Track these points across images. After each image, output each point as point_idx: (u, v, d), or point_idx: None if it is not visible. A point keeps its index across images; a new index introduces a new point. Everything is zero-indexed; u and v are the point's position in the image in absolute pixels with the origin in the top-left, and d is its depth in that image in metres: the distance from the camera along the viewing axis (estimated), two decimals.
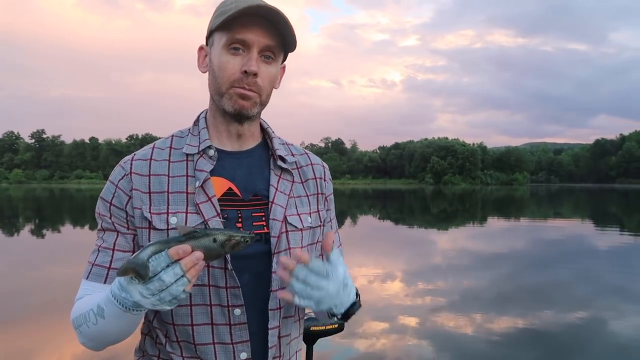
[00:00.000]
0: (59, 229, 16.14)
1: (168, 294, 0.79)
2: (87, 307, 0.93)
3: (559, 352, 4.46)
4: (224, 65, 0.99)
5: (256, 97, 1.01)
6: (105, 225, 1.03)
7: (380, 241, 13.22)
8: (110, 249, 1.01)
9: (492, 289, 7.07)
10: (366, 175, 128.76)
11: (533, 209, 29.25)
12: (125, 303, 0.83)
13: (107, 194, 1.03)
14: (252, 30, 0.98)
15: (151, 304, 0.80)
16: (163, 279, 0.78)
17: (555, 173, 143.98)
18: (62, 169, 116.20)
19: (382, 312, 5.70)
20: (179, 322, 1.00)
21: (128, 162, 1.03)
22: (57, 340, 4.70)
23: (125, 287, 0.81)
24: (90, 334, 0.94)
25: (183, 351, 1.02)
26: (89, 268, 1.01)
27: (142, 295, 0.80)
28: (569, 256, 10.45)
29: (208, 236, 0.83)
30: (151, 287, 0.79)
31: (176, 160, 1.04)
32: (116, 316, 0.87)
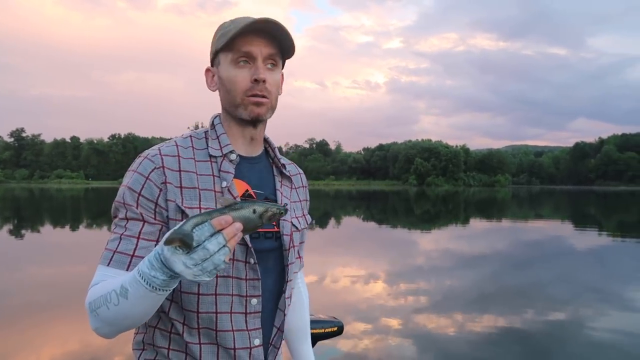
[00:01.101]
0: (39, 230, 15.86)
1: (211, 263, 0.81)
2: (107, 289, 0.94)
3: (539, 352, 4.53)
4: (234, 79, 1.11)
5: (268, 103, 1.12)
6: (130, 215, 1.05)
7: (363, 242, 13.27)
8: (134, 237, 1.03)
9: (473, 289, 7.15)
10: (350, 176, 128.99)
11: (514, 210, 29.64)
12: (154, 282, 0.85)
13: (135, 185, 1.06)
14: (254, 43, 1.09)
15: (192, 275, 0.82)
16: (207, 247, 0.81)
17: (536, 175, 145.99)
18: (42, 169, 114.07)
19: (364, 313, 5.72)
20: (203, 310, 1.07)
21: (157, 156, 1.08)
22: (35, 343, 4.62)
23: (169, 257, 0.82)
24: (109, 316, 0.93)
25: (201, 338, 1.08)
26: (110, 255, 1.03)
27: (186, 265, 0.81)
28: (548, 257, 10.62)
29: (248, 207, 0.88)
30: (195, 257, 0.81)
31: (201, 160, 1.12)
32: (141, 297, 0.88)
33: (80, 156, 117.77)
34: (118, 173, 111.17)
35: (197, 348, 1.08)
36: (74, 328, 5.12)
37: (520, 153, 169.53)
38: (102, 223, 18.56)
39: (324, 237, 14.63)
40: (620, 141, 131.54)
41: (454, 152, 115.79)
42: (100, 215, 23.04)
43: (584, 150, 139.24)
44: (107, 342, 4.60)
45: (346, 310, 5.87)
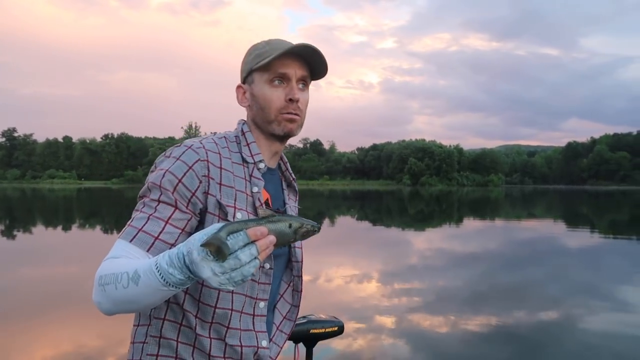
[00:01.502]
0: (31, 230, 15.76)
1: (240, 273, 0.80)
2: (121, 268, 0.92)
3: (532, 350, 4.56)
4: (269, 97, 1.17)
5: (300, 120, 1.21)
6: (163, 198, 1.06)
7: (357, 242, 13.28)
8: (163, 220, 1.04)
9: (467, 288, 7.18)
10: (344, 176, 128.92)
11: (507, 209, 29.79)
12: (169, 279, 0.84)
13: (177, 171, 1.07)
14: (290, 65, 1.17)
15: (218, 283, 0.80)
16: (240, 257, 0.79)
17: (529, 175, 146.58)
18: (34, 169, 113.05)
19: (358, 313, 5.73)
20: (220, 306, 1.11)
21: (201, 149, 1.11)
22: (28, 345, 4.59)
23: (198, 262, 0.80)
24: (115, 296, 0.92)
25: (211, 333, 1.11)
26: (134, 232, 1.02)
27: (214, 272, 0.79)
28: (541, 256, 10.68)
29: (284, 221, 0.87)
30: (226, 265, 0.79)
31: (236, 162, 1.17)
32: (152, 288, 0.87)
33: (72, 156, 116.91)
34: (111, 173, 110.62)
35: (207, 342, 1.10)
36: (66, 329, 5.10)
37: (513, 153, 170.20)
38: (94, 223, 18.47)
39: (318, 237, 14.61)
40: (612, 141, 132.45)
41: (447, 151, 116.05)
42: (92, 215, 22.92)
43: (576, 150, 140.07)
44: (100, 344, 4.58)
45: (340, 309, 5.88)
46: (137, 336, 1.14)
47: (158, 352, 1.10)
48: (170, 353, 1.10)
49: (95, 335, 4.83)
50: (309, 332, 1.60)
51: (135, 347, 1.13)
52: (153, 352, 1.10)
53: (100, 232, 15.51)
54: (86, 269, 8.56)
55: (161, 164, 1.11)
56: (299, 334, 1.57)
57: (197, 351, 1.11)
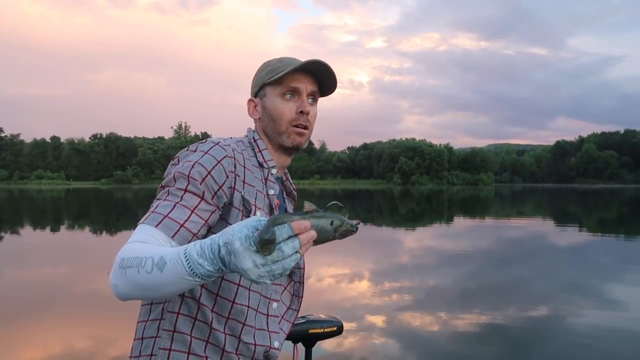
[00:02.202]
0: (18, 231, 15.57)
1: (280, 266, 0.78)
2: (146, 253, 0.90)
3: (520, 347, 4.59)
4: (281, 110, 1.23)
5: (308, 133, 1.27)
6: (191, 188, 1.07)
7: (348, 241, 13.25)
8: (189, 209, 1.04)
9: (457, 287, 7.21)
10: (335, 175, 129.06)
11: (497, 208, 29.98)
12: (198, 269, 0.81)
13: (207, 163, 1.09)
14: (301, 80, 1.23)
15: (257, 275, 0.78)
16: (283, 249, 0.77)
17: (518, 173, 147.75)
18: (21, 169, 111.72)
19: (349, 312, 5.73)
20: (239, 301, 1.13)
21: (228, 147, 1.15)
22: (14, 347, 4.54)
23: (240, 252, 0.77)
24: (136, 281, 0.89)
25: (227, 329, 1.13)
26: (160, 217, 1.01)
27: (256, 264, 0.77)
28: (530, 254, 10.76)
29: (327, 218, 0.87)
30: (269, 257, 0.77)
31: (254, 165, 1.23)
32: (176, 277, 0.84)
33: (60, 156, 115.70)
34: (100, 173, 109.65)
35: (222, 337, 1.12)
36: (53, 331, 5.04)
37: (502, 152, 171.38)
38: (84, 224, 18.30)
39: None
40: (600, 140, 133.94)
41: (437, 151, 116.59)
42: (82, 216, 22.71)
43: (564, 149, 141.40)
44: (89, 345, 4.54)
45: (330, 308, 5.88)
46: (147, 331, 1.12)
47: (171, 347, 1.10)
48: (183, 348, 1.10)
49: (83, 337, 4.78)
50: (308, 332, 1.59)
51: (145, 342, 1.11)
52: (166, 347, 1.09)
53: (89, 233, 15.37)
54: (74, 271, 8.48)
55: (187, 156, 1.13)
56: (298, 333, 1.56)
57: (210, 346, 1.11)
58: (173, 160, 1.16)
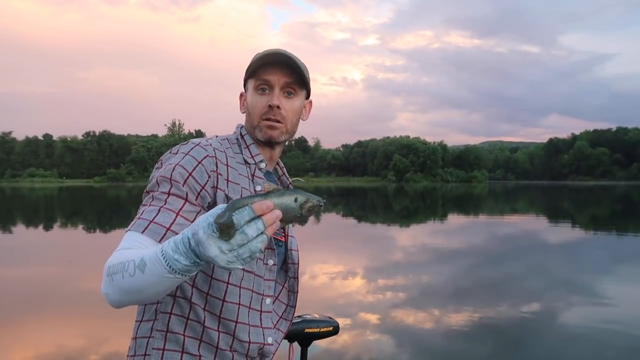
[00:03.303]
0: (11, 230, 15.49)
1: (247, 249, 0.77)
2: (129, 257, 0.91)
3: (514, 343, 4.63)
4: (254, 104, 1.24)
5: (282, 127, 1.24)
6: (174, 191, 1.07)
7: (342, 238, 13.32)
8: (174, 212, 1.05)
9: (450, 284, 7.26)
10: (329, 173, 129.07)
11: (491, 205, 30.14)
12: (175, 265, 0.82)
13: (187, 165, 1.10)
14: (273, 73, 1.21)
15: (226, 261, 0.78)
16: (246, 232, 0.77)
17: (511, 171, 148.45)
18: (13, 167, 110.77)
19: (342, 309, 5.75)
20: (229, 300, 1.13)
21: (209, 147, 1.16)
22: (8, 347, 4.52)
23: (204, 240, 0.77)
24: (123, 286, 0.90)
25: (220, 326, 1.13)
26: (145, 223, 1.02)
27: (221, 250, 0.77)
28: (523, 250, 10.84)
29: (290, 195, 0.85)
30: (233, 242, 0.77)
31: (239, 162, 1.22)
32: (157, 276, 0.85)
33: (53, 154, 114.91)
34: (93, 171, 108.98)
35: (215, 335, 1.12)
36: (46, 330, 5.03)
37: (496, 149, 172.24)
38: (77, 222, 18.22)
39: (304, 234, 14.64)
40: (592, 137, 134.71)
41: (431, 148, 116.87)
42: (75, 214, 22.61)
43: (557, 146, 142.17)
44: (81, 344, 4.53)
45: (325, 306, 5.90)
46: (140, 331, 1.14)
47: (164, 346, 1.10)
48: (176, 347, 1.10)
49: (76, 335, 4.78)
50: (304, 332, 1.60)
51: (138, 342, 1.13)
52: (159, 346, 1.11)
53: (82, 231, 15.30)
54: (67, 270, 8.45)
55: (169, 159, 1.13)
56: (293, 333, 1.57)
57: (203, 344, 1.12)
58: (157, 164, 1.17)
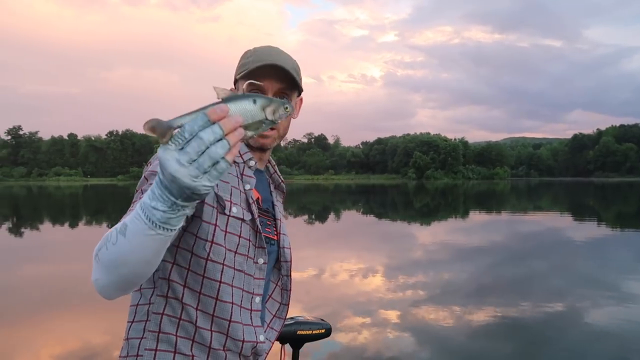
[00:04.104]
0: (38, 227, 15.87)
1: (207, 157, 0.71)
2: (114, 228, 0.87)
3: (537, 343, 4.56)
4: None
5: (274, 134, 1.24)
6: None
7: (362, 236, 13.30)
8: None
9: (472, 281, 7.18)
10: (349, 170, 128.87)
11: (513, 202, 29.70)
12: (154, 215, 0.77)
13: None
14: (266, 79, 1.18)
15: (189, 176, 0.72)
16: (201, 136, 0.71)
17: (534, 167, 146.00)
18: (40, 166, 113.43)
19: (363, 306, 5.74)
20: (222, 299, 1.12)
21: None
22: (34, 342, 4.64)
23: (161, 156, 0.73)
24: (107, 258, 0.85)
25: (213, 326, 1.12)
26: None
27: (180, 162, 0.71)
28: (547, 248, 10.66)
29: (247, 98, 0.78)
30: (189, 150, 0.71)
31: None
32: (139, 235, 0.80)
33: (78, 153, 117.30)
34: (116, 170, 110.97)
35: (208, 335, 1.12)
36: (73, 325, 5.14)
37: (518, 145, 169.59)
38: (101, 220, 18.56)
39: (324, 232, 14.65)
40: (618, 132, 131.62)
41: (452, 145, 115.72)
42: (99, 212, 23.04)
43: (582, 142, 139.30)
44: (106, 339, 4.61)
45: (344, 303, 5.90)
46: (132, 332, 1.14)
47: (157, 347, 1.10)
48: (169, 347, 1.10)
49: (101, 331, 4.87)
50: (296, 334, 1.60)
51: (131, 343, 1.13)
52: (152, 347, 1.10)
53: (106, 228, 15.55)
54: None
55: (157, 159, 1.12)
56: (286, 334, 1.57)
57: (196, 344, 1.11)
58: (147, 165, 1.16)
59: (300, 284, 7.05)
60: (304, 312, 5.43)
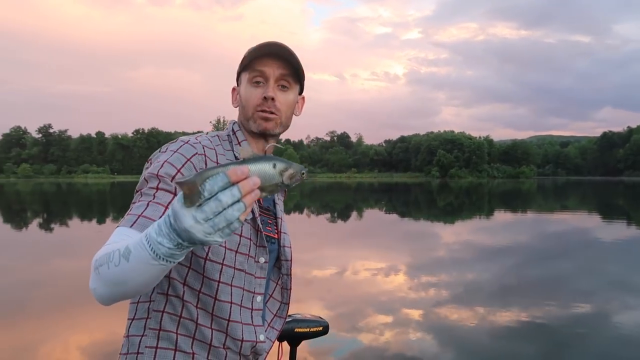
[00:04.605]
0: (67, 223, 16.27)
1: (223, 218, 0.73)
2: (115, 247, 0.89)
3: (562, 345, 4.47)
4: (248, 96, 1.22)
5: (277, 119, 1.23)
6: (162, 186, 1.07)
7: (385, 235, 13.24)
8: (163, 205, 1.04)
9: (496, 282, 7.08)
10: (372, 168, 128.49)
11: (540, 201, 29.15)
12: (159, 249, 0.79)
13: (176, 162, 1.09)
14: (267, 64, 1.20)
15: (203, 232, 0.74)
16: (220, 198, 0.73)
17: (562, 166, 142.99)
18: (69, 164, 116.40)
19: (385, 305, 5.72)
20: (221, 298, 1.13)
21: (198, 144, 1.15)
22: (62, 334, 4.76)
23: (178, 210, 0.74)
24: (108, 277, 0.88)
25: (213, 324, 1.13)
26: (134, 218, 1.01)
27: (196, 219, 0.73)
28: (574, 249, 10.44)
29: (267, 161, 0.80)
30: (206, 209, 0.73)
31: (230, 159, 1.20)
32: (142, 263, 0.82)
33: (105, 151, 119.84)
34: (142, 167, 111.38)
35: (209, 332, 1.12)
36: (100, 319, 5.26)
37: (545, 143, 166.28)
38: None
39: (346, 230, 14.64)
40: None
41: (477, 143, 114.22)
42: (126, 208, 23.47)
43: (611, 140, 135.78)
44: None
45: (366, 302, 5.88)
46: (133, 329, 1.14)
47: (157, 345, 1.10)
48: (169, 345, 1.10)
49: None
50: (294, 331, 1.60)
51: (131, 340, 1.13)
52: (152, 345, 1.11)
53: None
54: None
55: (158, 157, 1.13)
56: (283, 332, 1.56)
57: (196, 342, 1.12)
58: (147, 163, 1.17)
59: (322, 282, 7.07)
60: (324, 310, 5.46)
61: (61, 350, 4.37)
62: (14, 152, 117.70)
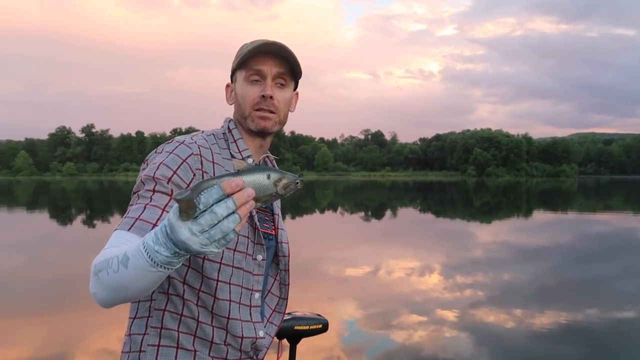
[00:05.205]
0: (109, 220, 16.84)
1: (219, 230, 0.74)
2: (113, 253, 0.90)
3: (602, 350, 4.35)
4: (246, 94, 1.22)
5: (275, 117, 1.23)
6: (159, 188, 1.07)
7: (420, 234, 13.13)
8: (159, 208, 1.04)
9: (534, 283, 6.93)
10: (406, 167, 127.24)
11: (581, 201, 28.24)
12: (156, 257, 0.79)
13: (172, 163, 1.09)
14: (265, 63, 1.20)
15: (199, 244, 0.75)
16: (215, 211, 0.73)
17: (605, 164, 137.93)
18: (110, 162, 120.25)
19: (419, 305, 5.70)
20: (220, 297, 1.14)
21: (194, 145, 1.15)
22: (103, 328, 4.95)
23: (174, 223, 0.75)
24: (108, 283, 0.89)
25: (214, 321, 1.14)
26: (132, 221, 1.02)
27: (192, 232, 0.74)
28: (617, 251, 10.09)
29: (261, 172, 0.81)
30: (202, 222, 0.74)
31: (226, 158, 1.21)
32: (140, 269, 0.83)
33: (145, 150, 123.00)
34: None
35: (210, 330, 1.14)
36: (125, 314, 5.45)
37: (587, 141, 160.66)
38: None
39: (380, 229, 14.60)
40: None
41: (515, 141, 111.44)
42: None
43: None
44: None
45: (401, 301, 5.87)
46: (134, 328, 1.15)
47: (159, 343, 1.12)
48: (171, 343, 1.12)
49: None
50: (293, 329, 1.61)
51: (133, 339, 1.15)
52: (154, 343, 1.12)
53: None
54: None
55: (154, 159, 1.14)
56: (283, 330, 1.57)
57: (198, 339, 1.13)
58: (143, 164, 1.17)
59: (356, 280, 7.10)
60: (356, 309, 5.48)
61: (103, 342, 4.55)
62: (59, 151, 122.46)
